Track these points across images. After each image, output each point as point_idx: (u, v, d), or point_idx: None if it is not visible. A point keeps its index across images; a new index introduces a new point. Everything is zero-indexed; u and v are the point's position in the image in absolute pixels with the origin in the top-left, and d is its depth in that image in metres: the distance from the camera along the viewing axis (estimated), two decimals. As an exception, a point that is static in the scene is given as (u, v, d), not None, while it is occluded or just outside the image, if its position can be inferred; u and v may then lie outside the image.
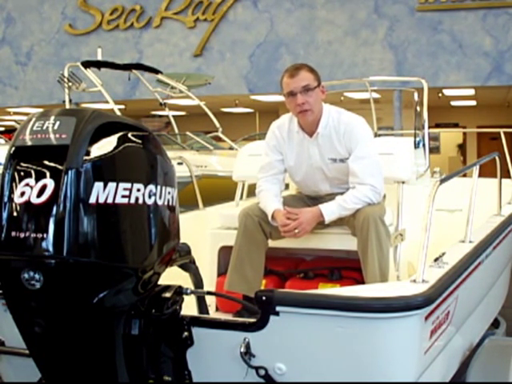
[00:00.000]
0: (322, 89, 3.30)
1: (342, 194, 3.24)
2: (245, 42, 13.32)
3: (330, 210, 3.17)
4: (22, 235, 1.92)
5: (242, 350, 2.22)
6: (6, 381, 2.85)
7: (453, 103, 16.59)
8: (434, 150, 16.66)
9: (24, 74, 14.92)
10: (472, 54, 11.95)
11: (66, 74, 7.95)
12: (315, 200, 3.44)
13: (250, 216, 3.29)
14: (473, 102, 16.39)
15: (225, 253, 3.55)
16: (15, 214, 1.94)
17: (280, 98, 13.68)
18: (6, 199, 1.97)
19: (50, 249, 1.90)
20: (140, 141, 2.10)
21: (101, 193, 1.94)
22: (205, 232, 3.71)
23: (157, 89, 9.37)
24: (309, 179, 3.43)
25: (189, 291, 2.34)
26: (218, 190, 5.53)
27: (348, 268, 3.36)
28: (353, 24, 12.64)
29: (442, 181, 2.53)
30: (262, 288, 3.36)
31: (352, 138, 3.25)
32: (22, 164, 1.98)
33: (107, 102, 7.69)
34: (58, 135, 1.96)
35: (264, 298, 2.20)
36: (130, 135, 2.07)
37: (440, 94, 13.63)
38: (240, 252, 3.26)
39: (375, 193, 3.20)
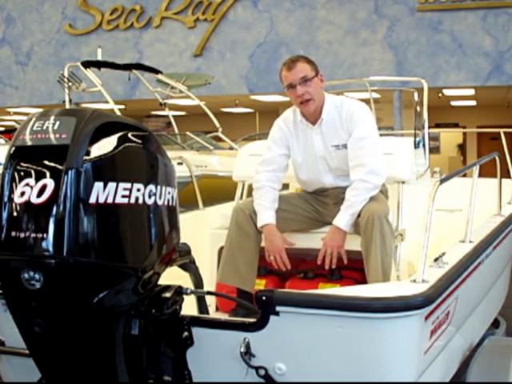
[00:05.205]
0: (321, 77, 3.34)
1: (345, 187, 3.23)
2: (245, 42, 13.31)
3: (341, 219, 3.15)
4: (22, 235, 1.92)
5: (242, 349, 2.22)
6: (5, 381, 2.85)
7: (453, 103, 16.59)
8: (434, 150, 16.65)
9: (24, 74, 14.92)
10: (472, 53, 11.95)
11: (65, 74, 7.95)
12: (320, 196, 3.44)
13: (241, 210, 3.31)
14: (473, 102, 16.38)
15: (225, 253, 3.55)
16: (15, 213, 1.94)
17: (280, 98, 13.70)
18: (6, 199, 1.96)
19: (50, 249, 1.90)
20: (140, 141, 2.10)
21: (101, 193, 1.94)
22: (205, 232, 3.70)
23: (157, 89, 9.37)
24: (313, 171, 3.42)
25: (189, 291, 2.34)
26: (218, 190, 5.53)
27: (348, 268, 3.36)
28: (353, 24, 12.64)
29: (442, 181, 2.53)
30: (260, 286, 3.37)
31: (353, 120, 3.28)
32: (22, 164, 1.98)
33: (107, 101, 7.69)
34: (58, 135, 1.96)
35: (264, 297, 2.20)
36: (130, 135, 2.07)
37: (440, 94, 13.63)
38: (231, 244, 3.27)
39: (374, 175, 3.17)
